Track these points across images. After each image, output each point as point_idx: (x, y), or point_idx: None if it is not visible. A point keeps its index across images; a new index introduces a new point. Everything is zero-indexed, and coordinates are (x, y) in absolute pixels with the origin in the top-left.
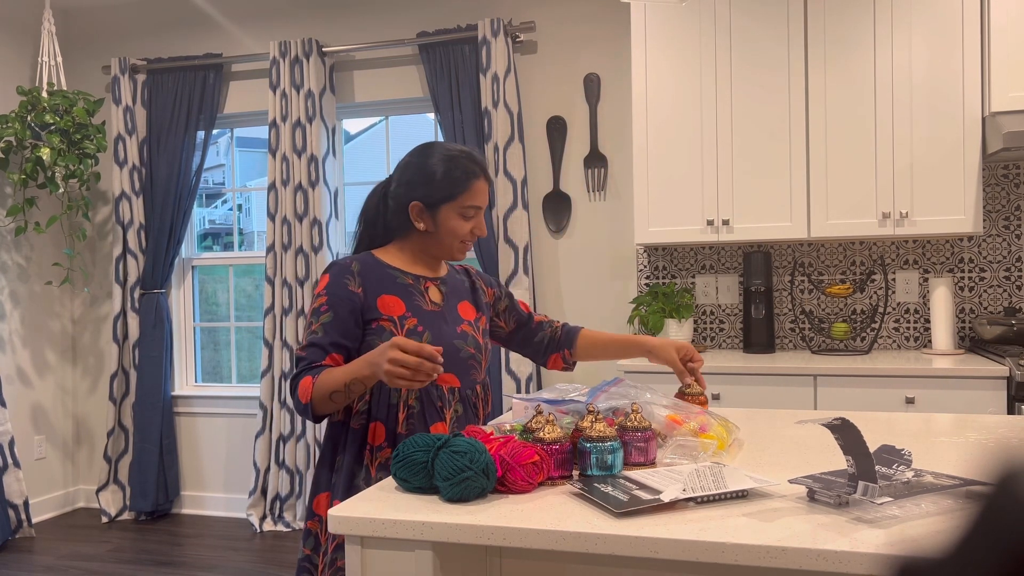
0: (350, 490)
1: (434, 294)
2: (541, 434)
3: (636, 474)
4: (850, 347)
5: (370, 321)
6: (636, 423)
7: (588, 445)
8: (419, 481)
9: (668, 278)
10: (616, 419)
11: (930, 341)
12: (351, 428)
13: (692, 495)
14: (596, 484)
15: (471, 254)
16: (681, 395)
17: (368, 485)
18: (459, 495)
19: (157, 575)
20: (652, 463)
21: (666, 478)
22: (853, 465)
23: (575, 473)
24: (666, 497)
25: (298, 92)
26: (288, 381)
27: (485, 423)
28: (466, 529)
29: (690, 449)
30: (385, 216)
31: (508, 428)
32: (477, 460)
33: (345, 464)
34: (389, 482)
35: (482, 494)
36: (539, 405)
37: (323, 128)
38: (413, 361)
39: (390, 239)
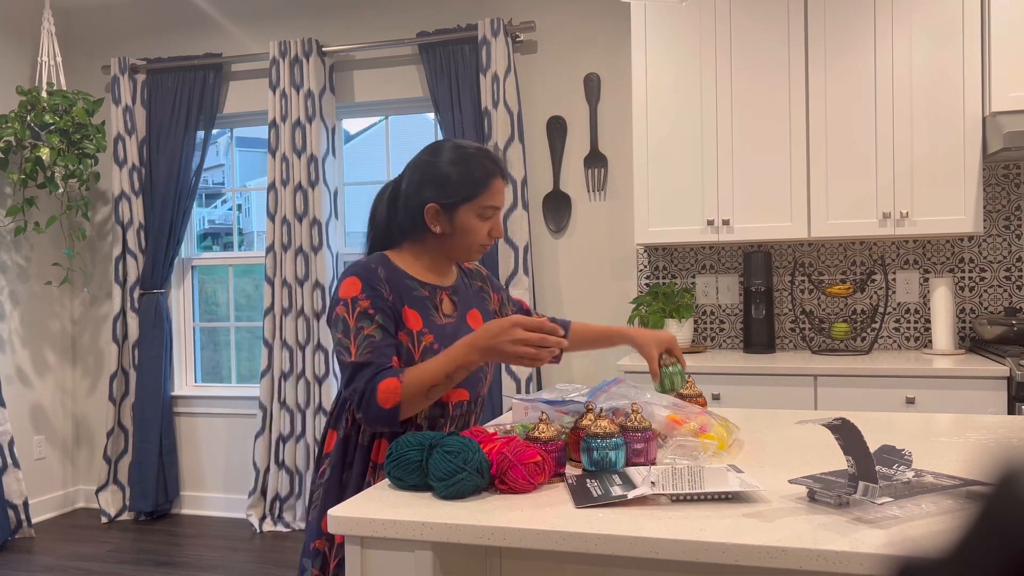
0: None
1: (447, 306)
2: (536, 433)
3: (634, 471)
4: (850, 347)
5: (396, 332)
6: (636, 423)
7: (592, 442)
8: (414, 480)
9: (668, 278)
10: (616, 419)
11: (930, 341)
12: (360, 444)
13: (662, 492)
14: (587, 480)
15: None
16: (680, 395)
17: None
18: (454, 495)
19: (157, 575)
20: (652, 463)
21: (661, 475)
22: (853, 465)
23: (567, 470)
24: (632, 494)
25: (298, 92)
26: (353, 393)
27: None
28: (466, 529)
29: (690, 449)
30: (397, 218)
31: (508, 428)
32: (471, 460)
33: (352, 481)
34: (387, 482)
35: (477, 492)
36: (543, 413)
37: (323, 128)
38: (536, 338)
39: (402, 241)
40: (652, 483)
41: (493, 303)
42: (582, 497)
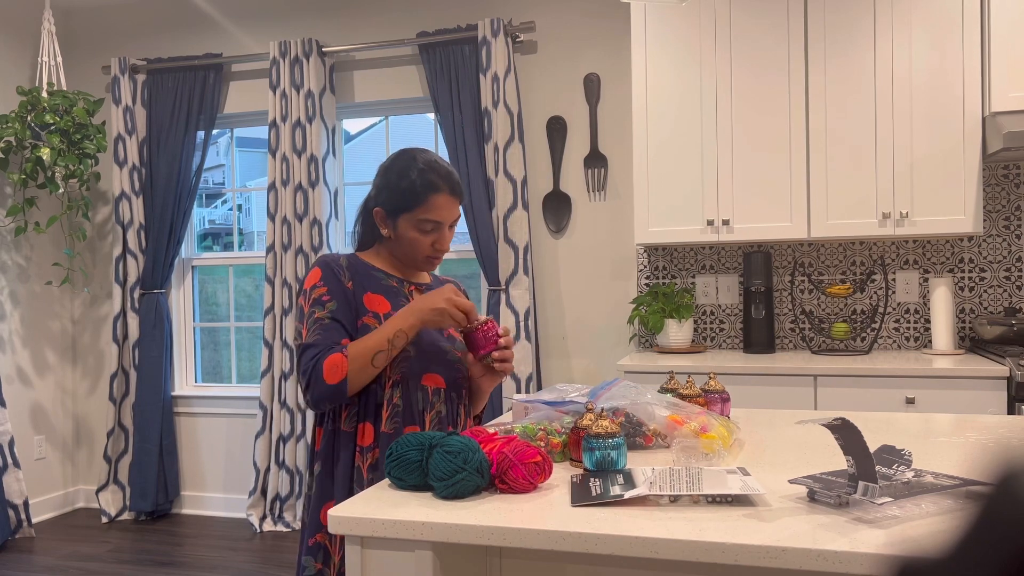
0: (346, 494)
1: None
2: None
3: (638, 471)
4: (850, 347)
5: (357, 318)
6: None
7: (593, 442)
8: (414, 480)
9: (668, 278)
10: (616, 419)
11: (930, 341)
12: (343, 431)
13: (660, 492)
14: (590, 479)
15: (472, 253)
16: (681, 396)
17: (361, 486)
18: (454, 495)
19: (157, 575)
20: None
21: (660, 476)
22: (853, 465)
23: (569, 471)
24: (628, 494)
25: (298, 92)
26: (301, 374)
27: (465, 425)
28: (466, 529)
29: (694, 450)
30: (363, 219)
31: (508, 428)
32: (471, 460)
33: (341, 470)
34: (387, 482)
35: (477, 491)
36: (589, 403)
37: (323, 128)
38: (466, 304)
39: (371, 243)
40: (651, 483)
41: None
42: (580, 495)
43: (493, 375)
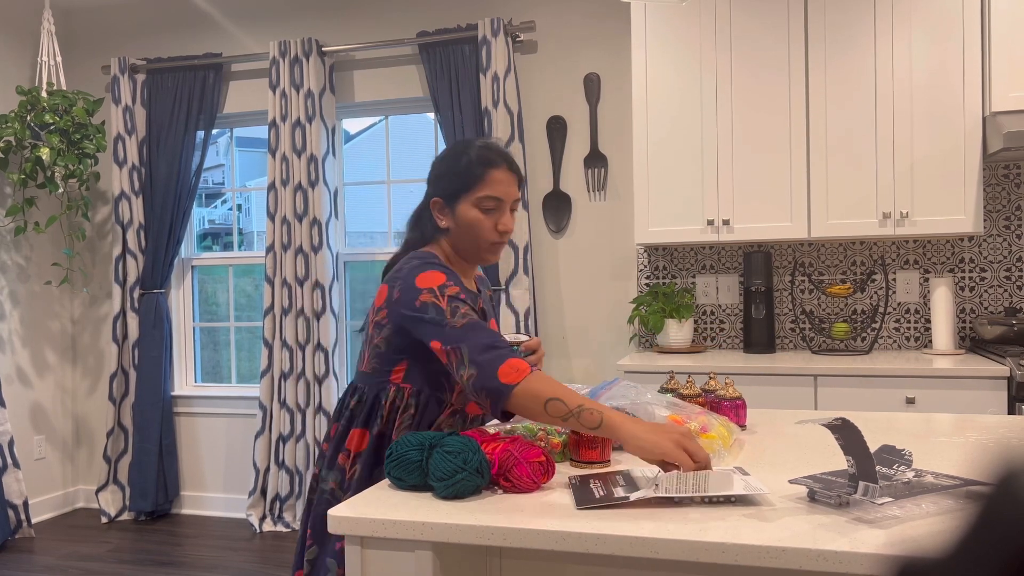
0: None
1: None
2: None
3: (639, 472)
4: (850, 347)
5: None
6: (728, 393)
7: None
8: (414, 480)
9: (668, 278)
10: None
11: (930, 341)
12: (391, 438)
13: (665, 494)
14: (590, 480)
15: None
16: (681, 396)
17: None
18: (454, 495)
19: (157, 575)
20: (606, 462)
21: (666, 478)
22: (853, 465)
23: (569, 471)
24: (634, 496)
25: (298, 92)
26: (470, 363)
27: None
28: (466, 529)
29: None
30: (420, 217)
31: (509, 428)
32: (471, 460)
33: (378, 476)
34: (387, 482)
35: (477, 491)
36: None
37: (323, 128)
38: (702, 456)
39: (426, 243)
40: (656, 485)
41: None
42: (584, 498)
43: None
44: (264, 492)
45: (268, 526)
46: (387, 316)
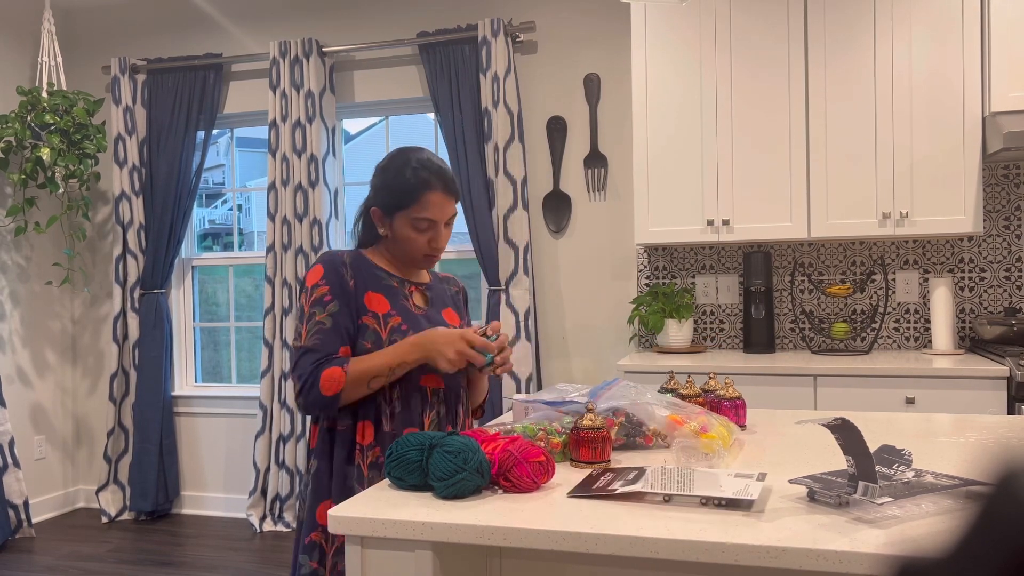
0: (344, 492)
1: (418, 299)
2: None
3: (640, 470)
4: (850, 347)
5: (357, 317)
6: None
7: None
8: (414, 479)
9: (668, 278)
10: (616, 419)
11: (930, 341)
12: (338, 430)
13: (650, 490)
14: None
15: (472, 253)
16: (681, 396)
17: (361, 484)
18: (454, 495)
19: (157, 575)
20: (606, 462)
21: (652, 475)
22: (853, 465)
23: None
24: (621, 489)
25: (298, 92)
26: (297, 378)
27: (464, 425)
28: (466, 529)
29: (694, 450)
30: (362, 219)
31: (509, 428)
32: (471, 460)
33: (338, 468)
34: (387, 482)
35: (477, 491)
36: (589, 403)
37: (323, 128)
38: (474, 356)
39: (372, 242)
40: (644, 480)
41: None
42: (578, 488)
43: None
44: (264, 492)
45: (268, 526)
46: None
